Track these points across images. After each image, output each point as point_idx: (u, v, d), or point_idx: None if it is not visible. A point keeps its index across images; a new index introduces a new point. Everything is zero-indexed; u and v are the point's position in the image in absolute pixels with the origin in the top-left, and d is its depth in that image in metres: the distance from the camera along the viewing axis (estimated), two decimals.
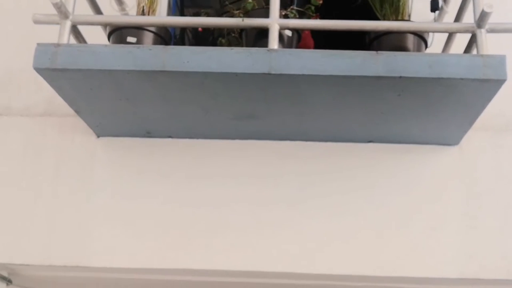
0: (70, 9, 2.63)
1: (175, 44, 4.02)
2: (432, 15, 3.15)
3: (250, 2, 2.69)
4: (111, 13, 3.07)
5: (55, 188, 3.20)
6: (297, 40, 2.81)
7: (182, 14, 4.58)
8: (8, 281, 3.40)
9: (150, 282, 3.38)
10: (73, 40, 2.75)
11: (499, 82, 2.46)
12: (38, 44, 2.56)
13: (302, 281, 3.25)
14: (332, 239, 3.05)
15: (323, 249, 3.05)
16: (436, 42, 3.01)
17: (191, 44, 4.16)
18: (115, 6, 3.14)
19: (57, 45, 2.55)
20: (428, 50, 2.90)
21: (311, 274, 3.06)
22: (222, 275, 3.21)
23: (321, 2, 3.17)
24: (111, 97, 2.80)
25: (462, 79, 2.44)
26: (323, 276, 3.08)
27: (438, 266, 3.01)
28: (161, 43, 2.86)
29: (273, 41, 2.54)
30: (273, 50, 2.50)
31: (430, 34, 2.91)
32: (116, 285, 3.54)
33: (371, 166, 3.17)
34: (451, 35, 2.91)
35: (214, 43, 3.72)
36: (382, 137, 3.14)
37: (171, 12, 3.92)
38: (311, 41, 3.42)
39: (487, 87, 2.49)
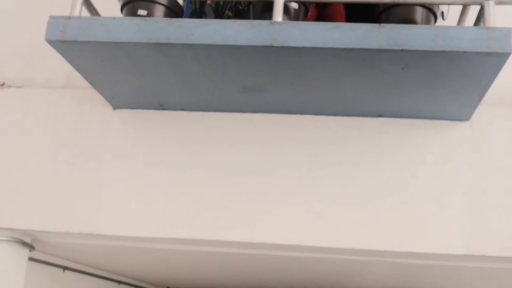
0: None
1: (194, 17, 4.06)
2: None
3: None
4: None
5: (72, 157, 3.32)
6: (304, 13, 2.81)
7: None
8: (31, 247, 3.55)
9: (161, 251, 3.49)
10: (86, 13, 2.84)
11: (504, 56, 2.42)
12: (50, 17, 2.65)
13: (309, 254, 3.30)
14: (340, 211, 3.08)
15: (331, 222, 3.08)
16: (452, 15, 2.97)
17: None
18: None
19: (68, 17, 2.63)
20: (443, 24, 2.88)
21: (318, 247, 3.10)
22: (231, 246, 3.28)
23: None
24: (122, 69, 2.87)
25: (465, 52, 2.41)
26: (330, 249, 3.12)
27: (445, 241, 3.01)
28: (172, 17, 2.91)
29: (277, 14, 2.55)
30: (275, 22, 2.52)
31: (445, 7, 2.87)
32: (129, 253, 3.67)
33: (380, 140, 3.17)
34: (465, 9, 2.86)
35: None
36: (392, 111, 3.13)
37: None
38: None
39: (492, 60, 2.45)
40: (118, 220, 3.19)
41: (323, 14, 2.98)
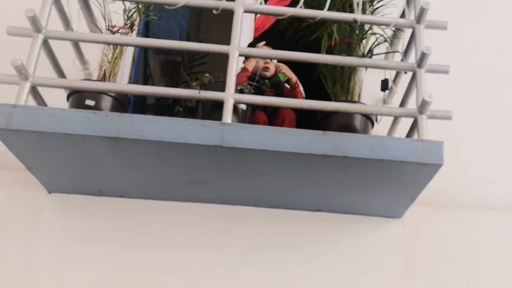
0: (30, 70, 2.68)
1: (137, 101, 4.10)
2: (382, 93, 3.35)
3: (207, 76, 2.80)
4: (74, 71, 3.16)
5: (1, 242, 3.15)
6: (251, 113, 2.92)
7: (146, 65, 4.68)
8: None
9: None
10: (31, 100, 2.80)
11: (436, 166, 2.61)
12: None
13: None
14: None
15: None
16: (385, 119, 3.19)
17: (152, 103, 4.23)
18: (78, 65, 3.23)
19: (14, 106, 2.58)
20: (377, 127, 3.09)
21: None
22: None
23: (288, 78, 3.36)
24: (65, 158, 2.83)
25: (402, 161, 2.58)
26: None
27: None
28: (119, 107, 2.94)
29: (227, 115, 2.64)
30: (226, 124, 2.60)
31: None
32: None
33: (317, 235, 3.25)
34: (396, 117, 3.09)
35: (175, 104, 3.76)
36: (329, 206, 3.24)
37: (134, 66, 4.02)
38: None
39: (426, 170, 2.64)
40: None
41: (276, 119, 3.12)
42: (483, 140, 3.49)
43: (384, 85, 3.25)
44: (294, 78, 3.39)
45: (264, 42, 3.32)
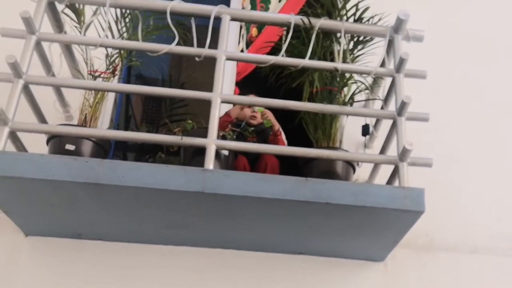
0: (10, 115, 2.66)
1: (118, 141, 4.05)
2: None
3: (189, 123, 2.81)
4: (55, 113, 3.14)
5: None
6: (233, 159, 2.92)
7: (128, 106, 4.67)
8: None
9: None
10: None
11: (418, 213, 2.62)
12: None
13: None
14: None
15: None
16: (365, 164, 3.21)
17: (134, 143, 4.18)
18: (59, 108, 3.21)
19: None
20: (358, 171, 3.10)
21: None
22: None
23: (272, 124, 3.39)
24: (44, 202, 2.79)
25: (384, 208, 2.59)
26: None
27: None
28: (100, 152, 2.91)
29: (209, 161, 2.63)
30: (208, 170, 2.59)
31: None
32: None
33: (299, 278, 3.23)
34: (377, 164, 3.11)
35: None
36: (311, 250, 3.22)
37: (116, 108, 3.99)
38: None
39: (407, 216, 2.65)
40: None
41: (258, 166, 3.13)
42: (465, 182, 3.52)
43: (365, 130, 3.28)
44: (276, 125, 3.43)
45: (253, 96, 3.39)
